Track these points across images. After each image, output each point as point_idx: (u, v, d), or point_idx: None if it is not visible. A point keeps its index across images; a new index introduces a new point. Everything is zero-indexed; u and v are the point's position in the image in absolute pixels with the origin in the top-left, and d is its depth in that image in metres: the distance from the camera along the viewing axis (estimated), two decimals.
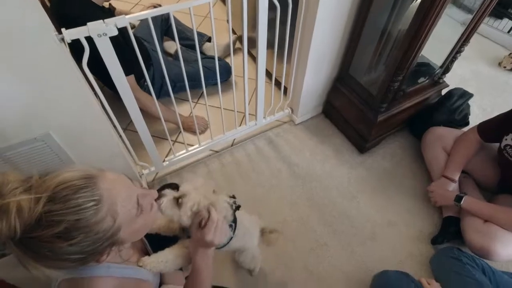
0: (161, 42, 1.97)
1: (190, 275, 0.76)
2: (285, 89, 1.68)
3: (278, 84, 1.66)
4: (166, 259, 0.73)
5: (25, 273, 0.96)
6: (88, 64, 0.91)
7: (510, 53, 2.25)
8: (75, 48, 0.88)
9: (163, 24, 1.92)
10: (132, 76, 1.42)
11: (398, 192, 1.56)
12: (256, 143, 1.72)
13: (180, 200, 0.73)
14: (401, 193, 1.56)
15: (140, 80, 1.55)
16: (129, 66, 1.28)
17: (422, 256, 1.36)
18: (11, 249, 0.47)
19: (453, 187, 1.39)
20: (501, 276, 1.17)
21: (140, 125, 1.24)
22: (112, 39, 0.91)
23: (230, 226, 0.88)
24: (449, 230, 1.37)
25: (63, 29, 0.79)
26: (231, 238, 0.89)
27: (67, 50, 0.83)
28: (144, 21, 1.90)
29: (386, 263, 1.34)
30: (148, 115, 1.49)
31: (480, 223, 1.26)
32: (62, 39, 0.78)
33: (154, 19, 1.82)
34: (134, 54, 1.03)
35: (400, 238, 1.42)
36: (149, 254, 0.75)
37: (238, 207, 0.88)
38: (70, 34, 0.80)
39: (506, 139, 1.25)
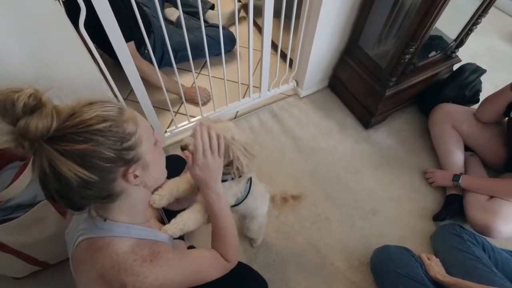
0: (162, 8, 1.88)
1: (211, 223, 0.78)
2: (291, 61, 1.62)
3: (283, 56, 1.60)
4: (182, 218, 0.75)
5: (29, 238, 0.98)
6: (87, 29, 0.86)
7: None
8: (73, 10, 0.84)
9: None
10: (132, 43, 1.36)
11: (402, 169, 1.55)
12: (259, 115, 1.69)
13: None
14: (405, 170, 1.54)
15: (140, 48, 1.49)
16: (129, 32, 1.23)
17: (423, 232, 1.37)
18: (41, 150, 0.47)
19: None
20: (500, 253, 1.18)
21: (141, 94, 1.20)
22: (110, 1, 0.86)
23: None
24: (451, 207, 1.37)
25: None
26: (247, 195, 0.88)
27: (62, 9, 0.78)
28: None
29: (387, 237, 1.34)
30: (149, 85, 1.45)
31: (483, 200, 1.26)
32: None
33: None
34: (134, 20, 0.98)
35: (402, 214, 1.42)
36: (164, 223, 0.77)
37: None
38: None
39: None
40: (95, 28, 0.89)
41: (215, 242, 0.77)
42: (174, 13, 1.94)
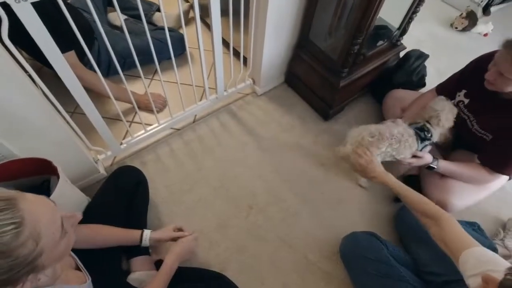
0: (105, 13, 1.78)
1: (163, 271, 0.95)
2: (245, 59, 1.61)
3: (237, 54, 1.59)
4: None
5: None
6: (17, 40, 0.78)
7: (461, 14, 2.31)
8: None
9: None
10: (71, 53, 1.27)
11: None
12: (219, 117, 1.66)
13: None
14: None
15: (84, 57, 1.39)
16: (67, 41, 1.14)
17: (387, 215, 1.42)
18: None
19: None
20: None
21: (88, 108, 1.12)
22: (39, 7, 0.78)
23: None
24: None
25: None
26: None
27: None
28: None
29: (355, 224, 1.38)
30: (99, 95, 1.37)
31: (438, 179, 1.33)
32: None
33: None
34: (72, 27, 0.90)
35: (367, 200, 1.46)
36: (79, 269, 0.74)
37: None
38: None
39: (459, 95, 1.30)
40: (26, 38, 0.81)
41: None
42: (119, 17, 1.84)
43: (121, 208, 1.12)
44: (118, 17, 1.83)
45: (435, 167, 1.25)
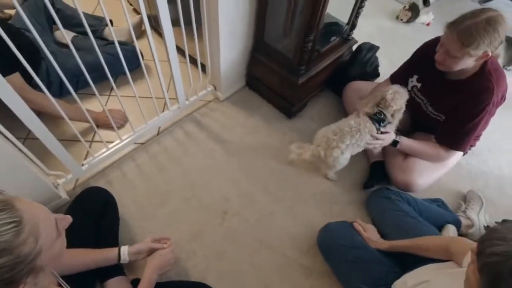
0: (49, 31, 1.70)
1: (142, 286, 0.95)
2: (203, 66, 1.60)
3: (195, 62, 1.58)
4: None
5: None
6: None
7: (404, 6, 2.46)
8: None
9: (49, 11, 1.65)
10: (16, 75, 1.19)
11: None
12: (183, 127, 1.64)
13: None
14: None
15: (33, 79, 1.32)
16: (8, 63, 1.07)
17: (358, 202, 1.47)
18: None
19: None
20: (422, 203, 1.34)
21: (40, 132, 1.06)
22: None
23: None
24: (377, 174, 1.49)
25: None
26: None
27: None
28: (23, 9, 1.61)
29: (329, 216, 1.41)
30: (54, 117, 1.30)
31: (400, 160, 1.39)
32: None
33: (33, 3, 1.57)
34: (17, 48, 0.86)
35: (337, 191, 1.50)
36: (61, 287, 0.73)
37: None
38: None
39: (411, 81, 1.38)
40: None
41: None
42: (68, 35, 1.77)
43: (90, 232, 1.07)
44: (67, 35, 1.76)
45: (399, 140, 1.32)
